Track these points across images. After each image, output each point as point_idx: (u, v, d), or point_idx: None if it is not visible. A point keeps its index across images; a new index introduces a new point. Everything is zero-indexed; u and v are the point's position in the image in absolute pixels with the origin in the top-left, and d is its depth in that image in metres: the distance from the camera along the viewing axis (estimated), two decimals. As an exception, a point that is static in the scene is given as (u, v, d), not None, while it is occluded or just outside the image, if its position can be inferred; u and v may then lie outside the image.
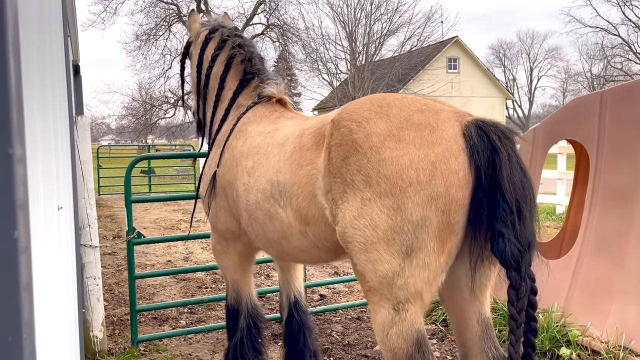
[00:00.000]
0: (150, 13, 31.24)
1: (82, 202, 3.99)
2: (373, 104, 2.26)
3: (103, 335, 4.15)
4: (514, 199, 2.03)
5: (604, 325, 3.83)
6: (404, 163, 2.05)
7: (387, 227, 2.07)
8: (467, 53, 31.18)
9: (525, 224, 2.04)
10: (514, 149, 2.09)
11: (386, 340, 2.19)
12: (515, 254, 2.01)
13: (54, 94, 2.02)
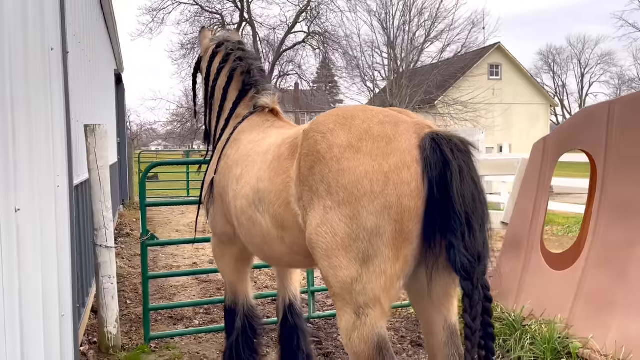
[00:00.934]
0: (195, 22, 32.17)
1: (99, 205, 4.25)
2: (339, 116, 2.36)
3: (117, 332, 4.39)
4: (464, 211, 2.09)
5: (605, 338, 3.78)
6: (359, 173, 2.15)
7: (344, 235, 2.16)
8: (509, 59, 30.60)
9: (474, 236, 2.10)
10: (466, 161, 2.15)
11: (349, 344, 2.28)
12: (466, 264, 2.08)
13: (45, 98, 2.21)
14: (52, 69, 2.39)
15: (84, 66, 5.42)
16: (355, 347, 2.26)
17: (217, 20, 32.73)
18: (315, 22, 33.70)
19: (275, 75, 35.83)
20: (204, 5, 32.50)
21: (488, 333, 2.20)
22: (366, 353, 2.24)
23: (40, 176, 2.00)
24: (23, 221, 1.64)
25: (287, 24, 34.43)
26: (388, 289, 2.18)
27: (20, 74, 1.77)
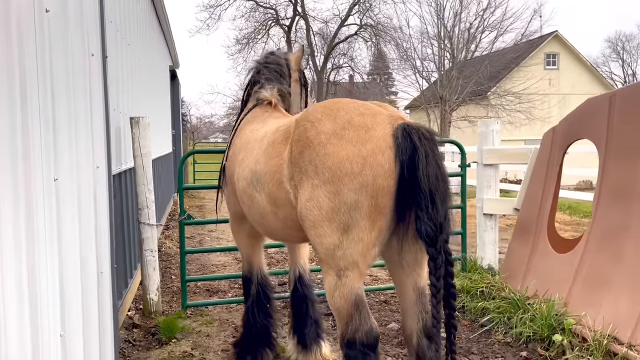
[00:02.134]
0: (250, 18, 33.06)
1: (142, 188, 4.85)
2: (326, 107, 2.78)
3: (158, 299, 5.00)
4: (428, 189, 2.45)
5: (597, 316, 4.02)
6: (342, 157, 2.55)
7: (328, 208, 2.58)
8: (568, 48, 29.62)
9: (437, 209, 2.46)
10: (432, 147, 2.51)
11: (332, 301, 2.71)
12: (430, 232, 2.44)
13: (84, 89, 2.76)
14: (92, 70, 2.93)
15: (134, 65, 6.05)
16: (337, 303, 2.68)
17: (271, 15, 33.46)
18: (367, 14, 33.80)
19: (328, 68, 36.25)
20: (259, 1, 33.29)
21: (450, 292, 2.56)
22: (345, 308, 2.66)
23: (79, 156, 2.54)
24: (61, 189, 2.17)
25: (339, 17, 34.76)
26: (364, 254, 2.58)
27: (62, 73, 2.31)
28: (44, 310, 1.95)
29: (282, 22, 33.97)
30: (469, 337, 4.61)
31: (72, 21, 2.48)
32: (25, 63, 1.84)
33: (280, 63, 4.08)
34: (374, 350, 2.62)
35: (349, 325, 2.62)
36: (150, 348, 4.37)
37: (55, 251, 2.11)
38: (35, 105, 1.92)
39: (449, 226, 2.55)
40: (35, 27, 1.94)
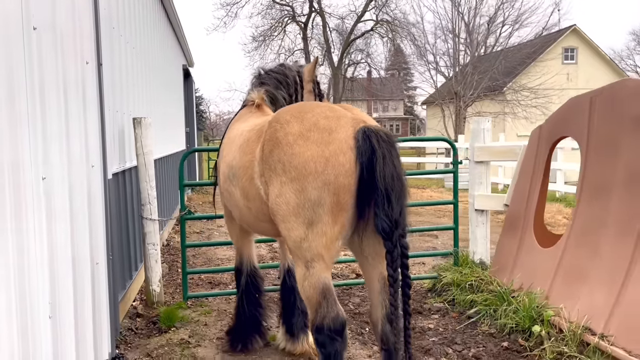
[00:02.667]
0: (266, 15, 33.31)
1: (144, 184, 5.12)
2: (294, 110, 3.00)
3: (160, 290, 5.27)
4: (384, 187, 2.66)
5: (575, 308, 4.16)
6: (307, 157, 2.77)
7: (295, 204, 2.80)
8: (586, 42, 29.25)
9: (392, 207, 2.67)
10: (389, 149, 2.71)
11: (302, 289, 2.93)
12: (386, 228, 2.66)
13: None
14: (86, 76, 3.19)
15: (139, 67, 6.33)
16: (306, 292, 2.90)
17: (287, 12, 33.65)
18: (383, 10, 33.76)
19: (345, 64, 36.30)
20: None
21: (406, 282, 2.77)
22: (314, 297, 2.88)
23: (71, 157, 2.79)
24: (50, 187, 2.43)
25: (356, 13, 34.79)
26: (328, 247, 2.79)
27: (52, 81, 2.56)
28: (33, 295, 2.20)
29: (298, 19, 34.15)
30: (455, 328, 4.79)
31: (63, 36, 2.73)
32: (14, 75, 2.09)
33: (285, 73, 4.29)
34: (341, 335, 2.83)
35: (318, 312, 2.83)
36: (150, 336, 4.64)
37: (45, 243, 2.36)
38: (23, 111, 2.17)
39: (405, 222, 2.74)
40: (24, 43, 2.19)
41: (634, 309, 3.72)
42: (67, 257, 2.66)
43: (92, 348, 3.10)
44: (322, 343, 2.83)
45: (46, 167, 2.38)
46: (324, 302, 2.86)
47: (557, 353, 3.95)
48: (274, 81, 4.26)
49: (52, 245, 2.45)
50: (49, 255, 2.41)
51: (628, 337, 3.67)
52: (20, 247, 2.10)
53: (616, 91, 4.24)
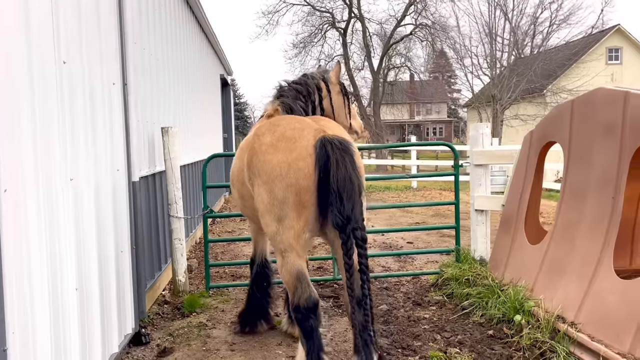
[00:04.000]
0: (306, 22, 34.05)
1: (171, 186, 5.78)
2: (269, 124, 3.57)
3: (185, 280, 5.92)
4: (337, 188, 3.16)
5: (553, 299, 4.52)
6: (274, 163, 3.30)
7: (267, 203, 3.34)
8: (631, 42, 28.52)
9: (344, 205, 3.15)
10: (342, 155, 3.20)
11: (281, 276, 3.46)
12: (339, 222, 3.15)
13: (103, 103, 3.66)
14: (113, 95, 3.84)
15: (169, 80, 7.03)
16: (284, 277, 3.42)
17: (326, 19, 34.26)
18: (422, 14, 33.89)
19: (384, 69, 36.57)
20: (315, 5, 34.21)
21: (361, 269, 3.24)
22: (290, 281, 3.39)
23: (98, 162, 3.43)
24: (77, 186, 3.06)
25: (395, 18, 35.05)
26: (297, 239, 3.30)
27: (80, 101, 3.20)
28: (64, 271, 2.83)
29: (338, 25, 34.70)
30: (449, 318, 5.20)
31: (91, 65, 3.38)
32: (47, 101, 2.73)
33: (306, 83, 4.79)
34: (314, 312, 3.33)
35: (295, 294, 3.35)
36: (174, 319, 5.28)
37: (73, 234, 2.99)
38: (55, 126, 2.81)
39: (357, 217, 3.19)
40: (56, 74, 2.83)
41: (599, 299, 4.06)
42: (93, 242, 3.29)
43: (117, 322, 3.73)
44: (299, 320, 3.35)
45: (74, 170, 3.01)
46: (299, 285, 3.36)
47: (533, 340, 4.32)
48: (294, 92, 4.76)
49: (79, 231, 3.08)
50: (76, 240, 3.04)
51: (593, 325, 4.01)
52: (52, 232, 2.73)
53: (590, 99, 4.58)
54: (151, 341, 4.68)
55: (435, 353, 4.30)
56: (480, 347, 4.47)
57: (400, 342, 4.60)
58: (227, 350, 4.52)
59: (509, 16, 25.94)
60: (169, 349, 4.52)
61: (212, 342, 4.69)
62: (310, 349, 3.31)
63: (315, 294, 3.37)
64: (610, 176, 4.27)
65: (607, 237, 4.20)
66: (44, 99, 2.68)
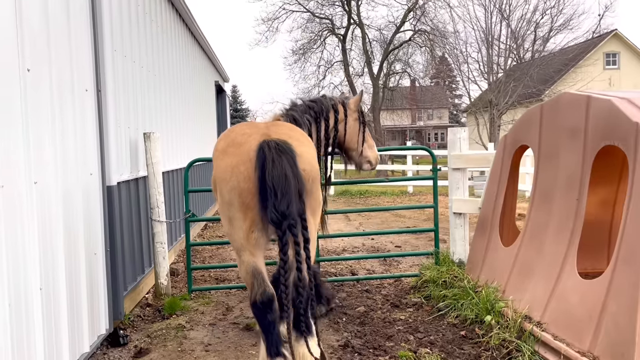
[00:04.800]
0: (306, 29, 34.23)
1: (153, 190, 5.89)
2: (226, 131, 3.77)
3: (167, 283, 6.01)
4: (272, 186, 3.23)
5: (522, 299, 4.59)
6: (223, 167, 3.46)
7: (220, 205, 3.54)
8: (628, 47, 28.58)
9: (279, 201, 3.22)
10: (279, 155, 3.30)
11: (240, 273, 3.57)
12: (274, 219, 3.22)
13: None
14: (85, 101, 3.96)
15: (154, 86, 7.16)
16: (242, 275, 3.53)
17: (326, 25, 34.45)
18: (421, 20, 34.03)
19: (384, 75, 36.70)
20: (315, 12, 34.41)
21: (298, 266, 3.31)
22: (247, 278, 3.48)
23: (67, 165, 3.54)
24: (43, 189, 3.16)
25: (394, 24, 35.20)
26: (247, 238, 3.41)
27: (47, 108, 3.31)
28: (28, 271, 2.93)
29: (337, 32, 34.87)
30: (424, 319, 5.27)
31: (60, 74, 3.50)
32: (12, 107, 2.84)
33: (320, 101, 5.08)
34: (270, 307, 3.40)
35: (252, 291, 3.44)
36: (154, 321, 5.37)
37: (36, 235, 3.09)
38: (19, 133, 2.92)
39: (293, 214, 3.26)
40: (20, 81, 2.94)
41: (563, 300, 4.13)
42: (59, 244, 3.39)
43: (88, 322, 3.83)
44: (257, 315, 3.44)
45: (38, 174, 3.11)
46: (254, 282, 3.44)
47: (501, 340, 4.40)
48: (304, 107, 5.02)
49: (44, 233, 3.18)
50: (41, 241, 3.14)
51: (557, 324, 4.09)
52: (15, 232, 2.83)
53: (557, 103, 4.67)
54: (129, 342, 4.77)
55: (405, 353, 4.37)
56: (450, 347, 4.54)
57: (373, 343, 4.67)
58: (202, 350, 4.61)
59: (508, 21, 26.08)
60: (145, 349, 4.61)
61: (188, 343, 4.78)
62: (270, 343, 3.40)
63: (271, 289, 3.45)
64: (574, 178, 4.35)
65: (572, 239, 4.27)
66: (8, 105, 2.79)
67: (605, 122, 4.02)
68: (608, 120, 3.99)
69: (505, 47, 26.32)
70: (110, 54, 4.91)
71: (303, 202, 3.35)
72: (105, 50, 4.50)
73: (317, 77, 35.25)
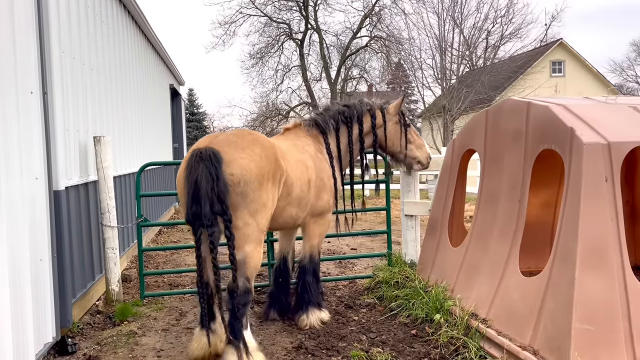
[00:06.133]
0: (263, 33, 34.16)
1: (104, 195, 5.79)
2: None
3: (119, 289, 5.91)
4: (188, 190, 3.69)
5: (470, 298, 4.75)
6: (178, 176, 3.87)
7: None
8: (573, 55, 29.87)
9: (192, 204, 3.67)
10: (198, 162, 3.69)
11: None
12: (189, 218, 3.72)
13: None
14: (31, 104, 3.87)
15: (105, 89, 7.04)
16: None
17: (283, 30, 34.48)
18: (377, 27, 34.50)
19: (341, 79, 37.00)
20: (272, 16, 34.40)
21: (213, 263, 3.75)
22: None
23: (10, 170, 3.46)
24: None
25: (351, 30, 35.56)
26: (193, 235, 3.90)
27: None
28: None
29: (295, 37, 34.95)
30: (377, 319, 5.37)
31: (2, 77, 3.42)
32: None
33: (354, 106, 5.40)
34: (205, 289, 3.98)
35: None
36: (105, 329, 5.27)
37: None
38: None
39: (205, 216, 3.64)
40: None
41: (506, 297, 4.30)
42: (2, 251, 3.31)
43: (33, 330, 3.74)
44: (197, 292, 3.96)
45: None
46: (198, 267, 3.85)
47: (449, 337, 4.53)
48: (334, 112, 5.34)
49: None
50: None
51: (500, 320, 4.25)
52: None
53: (501, 109, 4.87)
54: (78, 350, 4.67)
55: (357, 353, 4.45)
56: (401, 345, 4.65)
57: (326, 344, 4.73)
58: (154, 357, 4.56)
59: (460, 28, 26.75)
60: (95, 357, 4.52)
61: (139, 349, 4.72)
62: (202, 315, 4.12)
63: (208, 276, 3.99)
64: (517, 181, 4.54)
65: (514, 239, 4.46)
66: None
67: (544, 127, 4.22)
68: (546, 125, 4.19)
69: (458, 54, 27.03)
70: (58, 55, 4.81)
71: (224, 204, 3.65)
72: (52, 51, 4.42)
73: (275, 82, 35.24)
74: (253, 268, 4.00)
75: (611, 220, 3.70)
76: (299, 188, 4.61)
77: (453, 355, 4.31)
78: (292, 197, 4.55)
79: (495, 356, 4.03)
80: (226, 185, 3.67)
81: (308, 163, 4.85)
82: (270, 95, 36.00)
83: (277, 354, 4.57)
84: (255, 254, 3.98)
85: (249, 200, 3.82)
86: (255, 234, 3.95)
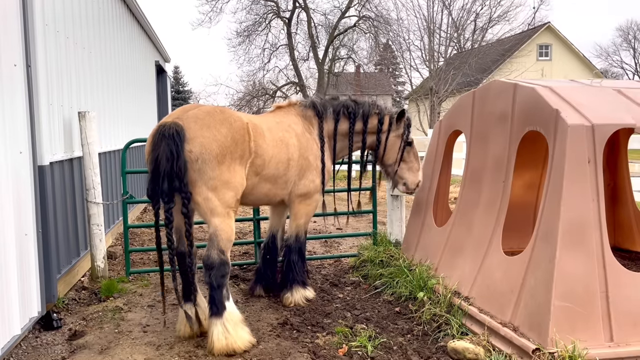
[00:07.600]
0: (250, 11, 33.74)
1: (89, 172, 5.74)
2: None
3: (104, 266, 5.90)
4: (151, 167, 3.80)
5: (453, 276, 4.83)
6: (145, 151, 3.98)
7: None
8: (560, 39, 29.98)
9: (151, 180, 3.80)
10: (160, 139, 3.77)
11: None
12: (148, 194, 3.83)
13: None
14: (15, 77, 3.82)
15: (90, 63, 6.94)
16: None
17: (271, 8, 34.08)
18: (366, 7, 34.24)
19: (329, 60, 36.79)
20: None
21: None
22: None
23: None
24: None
25: (340, 9, 35.27)
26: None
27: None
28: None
29: (283, 15, 34.58)
30: (362, 297, 5.44)
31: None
32: None
33: (363, 103, 5.34)
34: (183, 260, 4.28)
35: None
36: (90, 304, 5.28)
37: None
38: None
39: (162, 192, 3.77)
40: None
41: (488, 275, 4.38)
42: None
43: (18, 305, 3.74)
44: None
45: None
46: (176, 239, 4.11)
47: (432, 314, 4.62)
48: (337, 102, 5.32)
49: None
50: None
51: (482, 298, 4.34)
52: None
53: (487, 90, 4.90)
54: (63, 326, 4.68)
55: (342, 329, 4.52)
56: (385, 322, 4.73)
57: (311, 320, 4.79)
58: (140, 332, 4.59)
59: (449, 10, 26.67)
60: (80, 332, 4.54)
61: (125, 324, 4.74)
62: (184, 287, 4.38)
63: (183, 247, 4.18)
64: (501, 161, 4.60)
65: (498, 218, 4.52)
66: None
67: (529, 108, 4.27)
68: (531, 107, 4.23)
69: (446, 36, 26.99)
70: (42, 28, 4.73)
71: (182, 182, 3.74)
72: (35, 24, 4.34)
73: (262, 60, 34.95)
74: (226, 240, 4.04)
75: (592, 201, 3.77)
76: (274, 166, 4.60)
77: (435, 332, 4.40)
78: (264, 175, 4.55)
79: (476, 332, 4.12)
80: (185, 163, 3.76)
81: (291, 141, 4.80)
82: (257, 74, 35.70)
83: (262, 329, 4.62)
84: (225, 226, 4.03)
85: (207, 177, 3.89)
86: (220, 209, 4.00)
